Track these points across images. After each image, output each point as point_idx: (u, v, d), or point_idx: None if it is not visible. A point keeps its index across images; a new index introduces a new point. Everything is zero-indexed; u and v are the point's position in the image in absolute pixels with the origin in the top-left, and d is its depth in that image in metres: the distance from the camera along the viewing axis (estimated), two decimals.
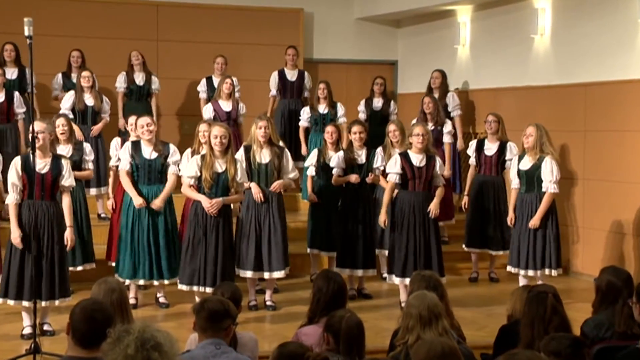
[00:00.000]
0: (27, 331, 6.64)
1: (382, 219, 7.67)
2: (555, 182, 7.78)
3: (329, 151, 8.48)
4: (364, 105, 10.70)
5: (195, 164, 7.28)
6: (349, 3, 12.41)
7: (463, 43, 11.30)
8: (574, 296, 7.93)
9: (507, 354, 3.46)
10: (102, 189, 9.31)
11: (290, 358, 3.83)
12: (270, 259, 7.54)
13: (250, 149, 7.66)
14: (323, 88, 10.17)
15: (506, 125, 9.05)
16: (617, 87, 8.81)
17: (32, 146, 6.37)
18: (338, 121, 10.04)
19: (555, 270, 7.84)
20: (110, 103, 9.78)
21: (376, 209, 8.31)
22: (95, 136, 9.42)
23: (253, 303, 7.65)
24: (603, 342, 4.75)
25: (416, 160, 7.64)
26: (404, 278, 7.53)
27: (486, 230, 8.86)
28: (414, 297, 4.49)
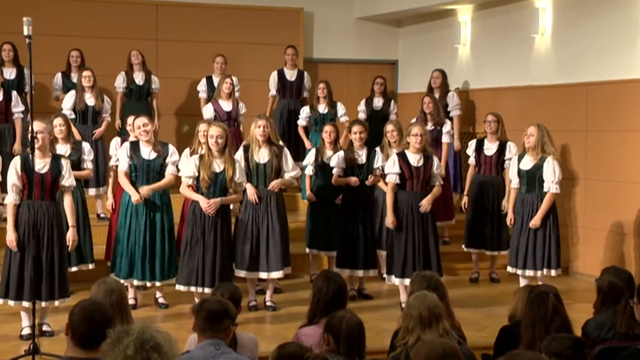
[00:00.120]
0: (26, 332, 6.63)
1: (390, 221, 7.62)
2: (557, 183, 7.76)
3: (327, 150, 8.47)
4: (364, 104, 10.70)
5: (193, 164, 7.27)
6: (349, 2, 12.40)
7: (464, 42, 11.29)
8: (575, 297, 7.91)
9: (509, 355, 3.45)
10: (102, 189, 9.29)
11: (289, 359, 3.82)
12: (268, 259, 7.52)
13: (249, 148, 7.64)
14: (323, 88, 10.17)
15: (507, 125, 9.03)
16: (619, 87, 8.79)
17: (31, 146, 6.35)
18: (340, 120, 10.03)
19: (555, 270, 7.81)
20: (111, 102, 9.77)
21: (376, 209, 8.30)
22: (94, 132, 9.40)
23: (253, 303, 7.63)
24: (604, 343, 4.75)
25: (414, 160, 7.63)
26: (404, 278, 7.53)
27: (486, 230, 8.84)
28: (415, 298, 4.48)
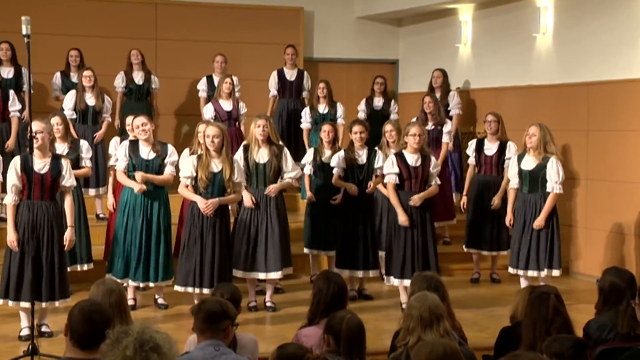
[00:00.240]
0: (25, 332, 6.61)
1: (403, 219, 7.56)
2: (560, 183, 7.73)
3: (325, 150, 8.44)
4: (365, 104, 10.68)
5: (191, 164, 7.25)
6: (350, 2, 12.37)
7: (464, 42, 11.26)
8: (576, 297, 7.88)
9: (509, 356, 3.43)
10: (102, 189, 9.26)
11: (289, 359, 3.80)
12: (266, 260, 7.50)
13: (249, 148, 7.62)
14: (323, 87, 10.15)
15: (508, 124, 9.02)
16: (620, 87, 8.76)
17: (30, 146, 6.33)
18: (338, 121, 10.00)
19: (557, 270, 7.79)
20: (112, 102, 9.74)
21: (375, 210, 8.27)
22: (95, 136, 9.36)
23: (253, 304, 7.61)
24: (606, 344, 4.73)
25: (412, 160, 7.62)
26: (403, 279, 7.51)
27: (486, 230, 8.82)
28: (415, 299, 4.46)
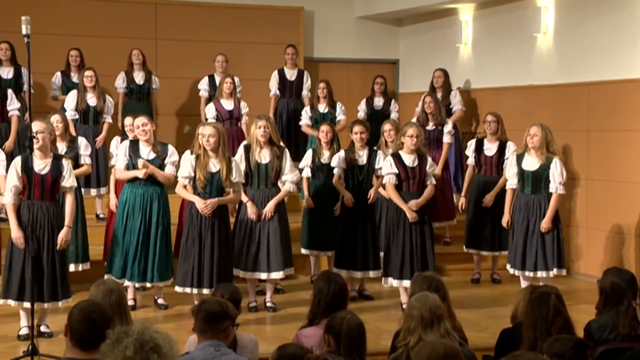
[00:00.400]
0: (24, 332, 6.60)
1: (413, 216, 7.52)
2: (563, 183, 7.72)
3: (324, 151, 8.42)
4: (365, 104, 10.67)
5: (189, 164, 7.23)
6: (350, 1, 12.37)
7: (465, 42, 11.26)
8: (577, 297, 7.86)
9: (510, 356, 3.43)
10: (102, 189, 9.24)
11: None
12: (268, 260, 7.49)
13: (250, 149, 7.61)
14: (323, 87, 10.14)
15: (508, 124, 9.00)
16: (621, 86, 8.75)
17: (30, 146, 6.32)
18: (337, 120, 9.99)
19: (564, 269, 7.81)
20: (113, 102, 9.73)
21: (376, 210, 8.26)
22: (96, 138, 9.35)
23: (253, 304, 7.60)
24: (607, 344, 4.72)
25: (409, 160, 7.62)
26: (402, 280, 7.50)
27: (487, 231, 8.80)
28: (416, 299, 4.45)
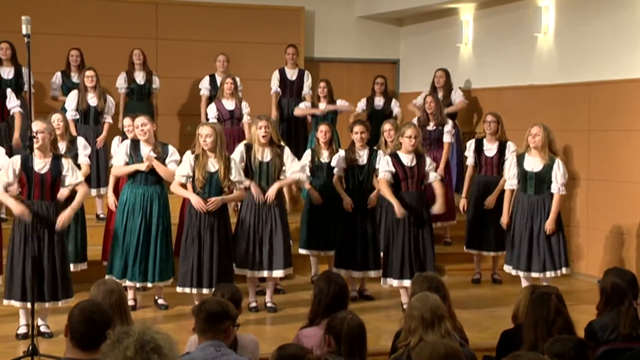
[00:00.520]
0: (22, 331, 6.61)
1: (401, 212, 7.49)
2: (564, 184, 7.71)
3: (323, 150, 8.41)
4: (365, 103, 10.67)
5: (188, 164, 7.23)
6: (351, 1, 12.36)
7: (466, 42, 11.25)
8: (578, 298, 7.85)
9: (511, 356, 3.43)
10: (102, 189, 9.24)
11: None
12: (270, 258, 7.48)
13: (251, 148, 7.61)
14: (323, 87, 10.16)
15: (509, 124, 9.00)
16: (622, 86, 8.74)
17: (30, 146, 6.32)
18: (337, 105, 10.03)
19: (568, 268, 7.84)
20: (114, 102, 9.72)
21: (376, 210, 8.26)
22: (96, 138, 9.34)
23: (253, 304, 7.60)
24: (608, 345, 4.72)
25: (406, 160, 7.61)
26: (402, 280, 7.50)
27: (487, 231, 8.79)
28: (417, 299, 4.44)
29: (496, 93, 10.58)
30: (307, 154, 8.50)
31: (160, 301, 7.65)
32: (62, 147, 7.68)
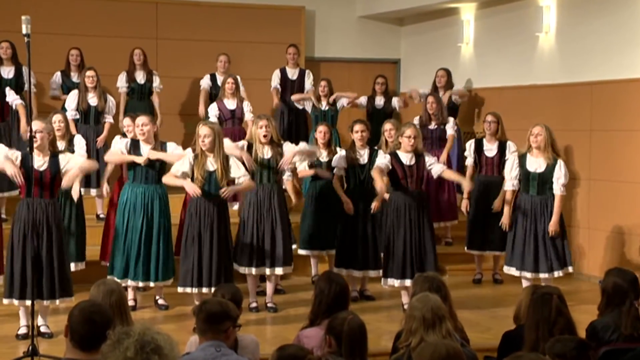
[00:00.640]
0: (23, 331, 6.61)
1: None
2: (565, 185, 7.69)
3: (322, 150, 8.39)
4: (366, 102, 10.67)
5: (187, 161, 7.22)
6: (351, 1, 12.35)
7: (467, 41, 11.23)
8: (579, 298, 7.84)
9: (512, 356, 3.44)
10: (102, 190, 9.21)
11: None
12: (272, 255, 7.47)
13: (252, 146, 7.61)
14: (324, 86, 10.17)
15: (510, 124, 8.98)
16: (624, 86, 8.73)
17: (30, 146, 6.31)
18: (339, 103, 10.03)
19: (572, 267, 7.85)
20: (114, 102, 9.71)
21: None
22: (97, 138, 9.33)
23: (254, 305, 7.59)
24: (609, 345, 4.71)
25: (406, 159, 7.61)
26: (403, 280, 7.48)
27: (488, 231, 8.77)
28: (417, 299, 4.43)
29: (497, 93, 10.57)
30: None
31: (160, 301, 7.64)
32: (62, 147, 7.67)
